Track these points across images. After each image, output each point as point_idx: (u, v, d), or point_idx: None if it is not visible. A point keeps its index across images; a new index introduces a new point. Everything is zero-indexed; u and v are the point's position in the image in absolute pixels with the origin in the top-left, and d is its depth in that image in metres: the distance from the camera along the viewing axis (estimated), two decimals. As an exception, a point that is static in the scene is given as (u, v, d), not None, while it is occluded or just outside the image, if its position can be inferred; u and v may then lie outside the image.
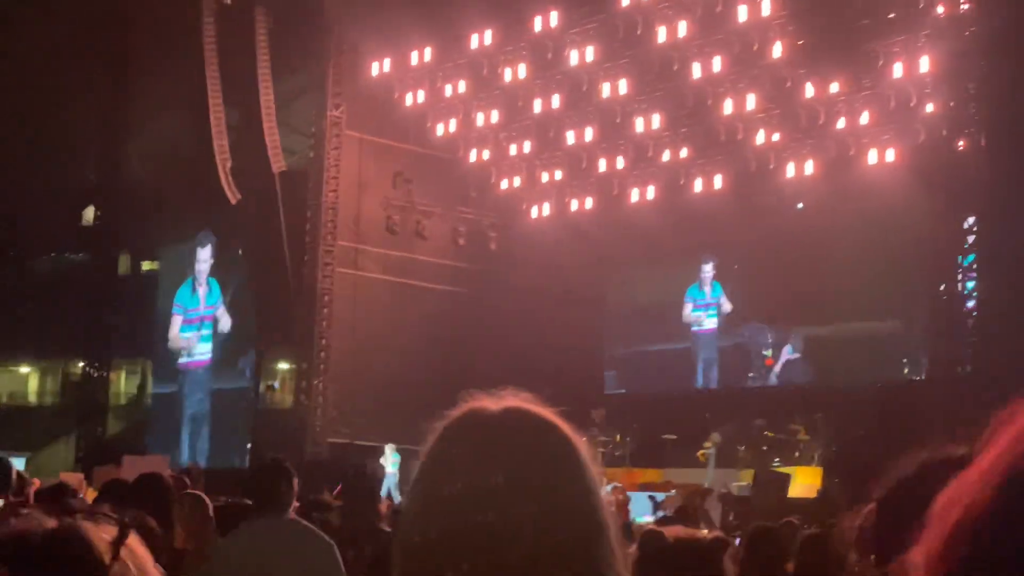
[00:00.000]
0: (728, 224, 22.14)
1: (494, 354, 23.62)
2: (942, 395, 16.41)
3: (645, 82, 21.87)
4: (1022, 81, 15.94)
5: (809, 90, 20.18)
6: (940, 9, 17.80)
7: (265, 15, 23.16)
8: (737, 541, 7.40)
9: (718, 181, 21.99)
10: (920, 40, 18.50)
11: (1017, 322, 15.64)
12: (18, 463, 12.36)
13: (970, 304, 16.78)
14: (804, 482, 19.04)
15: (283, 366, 27.55)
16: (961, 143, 16.92)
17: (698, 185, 22.25)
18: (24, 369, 32.92)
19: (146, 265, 30.76)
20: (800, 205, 21.89)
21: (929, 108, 18.67)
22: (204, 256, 26.64)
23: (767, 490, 17.33)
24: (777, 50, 19.97)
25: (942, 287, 17.26)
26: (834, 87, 19.94)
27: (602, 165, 23.32)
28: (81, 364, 29.30)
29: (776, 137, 21.03)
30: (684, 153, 22.28)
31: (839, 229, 21.29)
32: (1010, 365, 15.33)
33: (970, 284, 17.07)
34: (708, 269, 23.48)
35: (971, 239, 16.91)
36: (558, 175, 24.09)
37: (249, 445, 24.71)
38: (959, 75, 17.08)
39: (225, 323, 26.03)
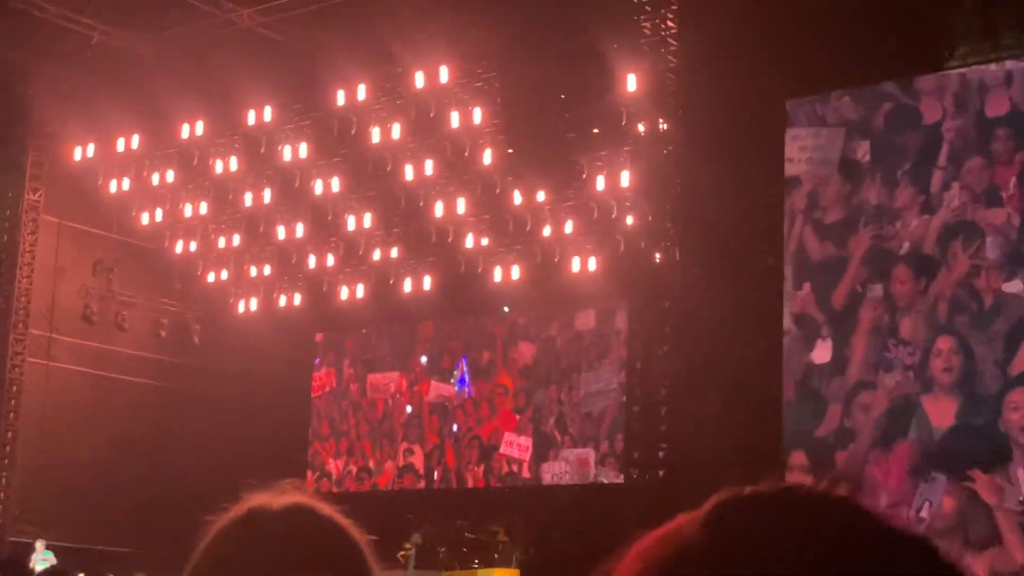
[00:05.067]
0: (437, 325, 22.40)
1: (196, 450, 22.99)
2: (638, 497, 16.90)
3: (358, 181, 22.02)
4: (714, 198, 16.85)
5: (517, 197, 20.77)
6: (641, 127, 18.68)
7: (-39, 93, 22.16)
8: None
9: (427, 282, 22.26)
10: (622, 155, 19.36)
11: (705, 426, 16.33)
12: None
13: (664, 411, 17.38)
14: (503, 583, 19.20)
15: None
16: (658, 256, 17.67)
17: (408, 285, 22.46)
18: None
19: None
20: (506, 308, 22.36)
21: (629, 221, 19.48)
22: None
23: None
24: (487, 157, 20.50)
25: (637, 392, 17.83)
26: (541, 196, 20.60)
27: (312, 261, 23.23)
28: None
29: (485, 241, 21.50)
30: (395, 252, 22.47)
31: (541, 335, 21.90)
32: (698, 469, 15.99)
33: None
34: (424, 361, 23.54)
35: (666, 348, 17.57)
36: (267, 269, 23.84)
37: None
38: (658, 191, 17.90)
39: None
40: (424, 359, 23.36)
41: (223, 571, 1.54)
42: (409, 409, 23.47)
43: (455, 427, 22.74)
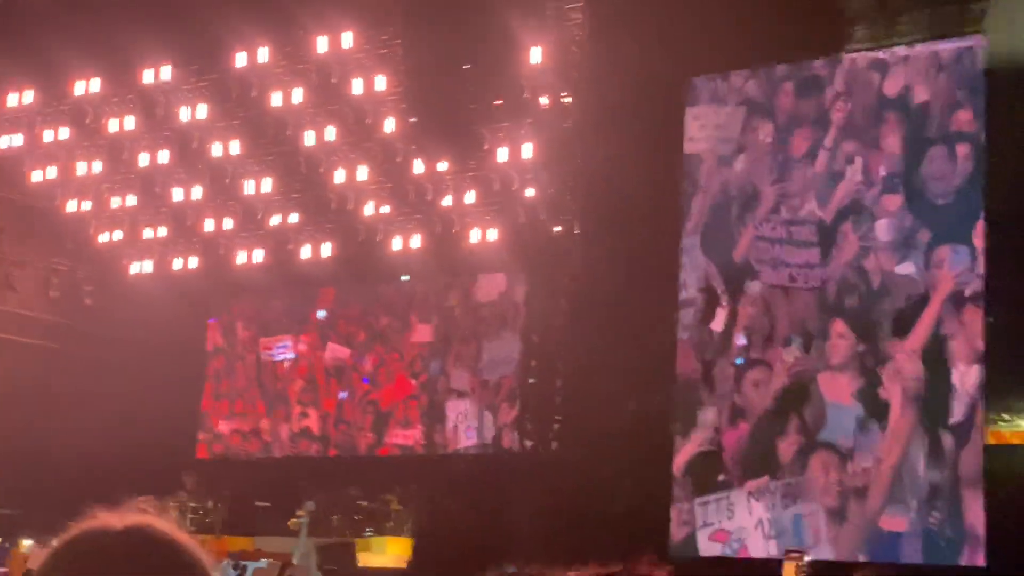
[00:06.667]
0: (335, 291, 22.29)
1: (87, 412, 22.63)
2: (531, 468, 17.01)
3: (257, 145, 21.76)
4: (614, 173, 16.94)
5: (418, 166, 20.70)
6: (544, 100, 18.71)
7: None
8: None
9: (326, 248, 22.11)
10: (524, 127, 19.39)
11: (600, 399, 16.47)
12: None
13: (559, 383, 17.48)
14: (395, 552, 19.25)
15: None
16: (557, 228, 17.74)
17: (306, 251, 22.28)
18: None
19: None
20: (406, 277, 22.32)
21: (529, 193, 19.53)
22: None
23: (334, 558, 17.73)
24: (389, 125, 20.40)
25: (533, 364, 17.90)
26: (442, 166, 20.55)
27: (209, 224, 22.92)
28: None
29: (385, 209, 21.41)
30: (294, 218, 22.27)
31: (440, 304, 21.91)
32: (591, 441, 16.16)
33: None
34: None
35: (563, 321, 17.65)
36: (162, 231, 23.47)
37: None
38: (558, 163, 17.96)
39: None
40: (322, 314, 23.27)
41: None
42: (303, 373, 23.36)
43: (343, 394, 22.68)
